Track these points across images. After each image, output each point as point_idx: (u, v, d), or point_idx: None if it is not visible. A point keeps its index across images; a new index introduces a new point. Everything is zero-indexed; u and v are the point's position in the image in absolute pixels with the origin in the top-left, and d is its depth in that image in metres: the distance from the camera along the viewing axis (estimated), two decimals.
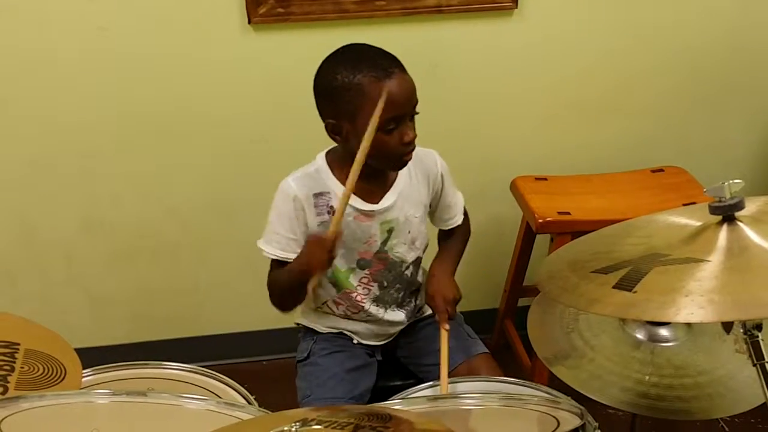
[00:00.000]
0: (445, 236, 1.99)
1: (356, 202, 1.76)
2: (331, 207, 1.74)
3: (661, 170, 2.57)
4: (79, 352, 1.54)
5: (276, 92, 2.47)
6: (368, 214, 1.77)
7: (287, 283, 1.73)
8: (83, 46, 2.36)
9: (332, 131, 1.69)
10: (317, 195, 1.74)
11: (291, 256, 1.74)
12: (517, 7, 2.45)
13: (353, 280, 1.84)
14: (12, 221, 2.56)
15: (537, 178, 2.54)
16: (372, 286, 1.86)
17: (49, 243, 2.60)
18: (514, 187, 2.52)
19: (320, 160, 1.79)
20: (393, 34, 2.41)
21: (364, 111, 1.58)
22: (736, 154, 2.78)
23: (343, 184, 1.72)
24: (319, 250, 1.57)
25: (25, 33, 2.33)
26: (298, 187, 1.74)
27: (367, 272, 1.84)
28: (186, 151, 2.53)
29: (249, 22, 2.36)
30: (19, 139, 2.46)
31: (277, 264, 1.78)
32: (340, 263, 1.81)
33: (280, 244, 1.75)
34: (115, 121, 2.46)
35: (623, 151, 2.67)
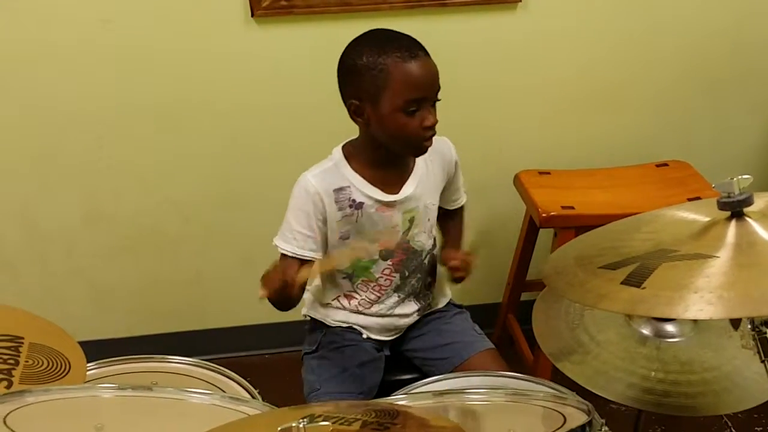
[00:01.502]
0: (446, 217, 1.98)
1: (376, 193, 1.76)
2: (353, 200, 1.75)
3: (665, 164, 2.57)
4: (82, 345, 1.54)
5: (279, 85, 2.47)
6: (390, 205, 1.78)
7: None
8: (86, 38, 2.35)
9: (355, 113, 1.69)
10: (337, 190, 1.74)
11: (307, 254, 1.74)
12: (521, 1, 2.44)
13: (375, 272, 1.84)
14: (14, 214, 2.56)
15: (540, 172, 2.54)
16: (394, 276, 1.86)
17: (51, 235, 2.60)
18: (517, 181, 2.52)
19: (337, 153, 1.78)
20: (396, 27, 2.36)
21: (388, 91, 1.62)
22: (741, 148, 2.77)
23: (362, 176, 1.75)
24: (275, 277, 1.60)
25: (28, 25, 2.32)
26: (318, 183, 1.73)
27: (390, 263, 1.84)
28: (188, 144, 2.52)
29: (252, 16, 2.35)
30: (21, 131, 2.46)
31: (288, 258, 1.75)
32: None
33: (297, 241, 1.74)
34: (118, 114, 2.46)
35: (627, 146, 2.66)
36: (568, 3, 2.48)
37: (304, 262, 1.74)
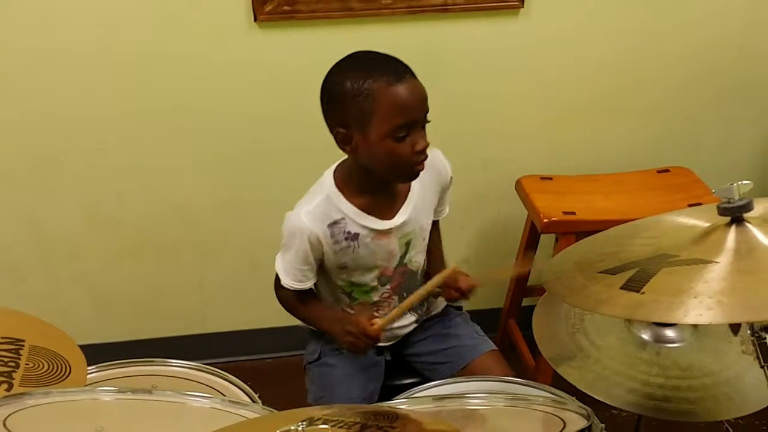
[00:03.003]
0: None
1: (371, 222, 1.72)
2: (348, 232, 1.71)
3: (667, 170, 2.56)
4: (84, 348, 1.54)
5: (282, 90, 2.47)
6: (385, 233, 1.75)
7: (312, 322, 1.86)
8: (89, 44, 2.35)
9: (342, 141, 1.65)
10: (332, 224, 1.70)
11: (307, 284, 1.77)
12: (523, 6, 2.44)
13: (375, 296, 1.83)
14: (18, 218, 2.56)
15: (542, 178, 2.54)
16: (393, 299, 1.84)
17: (54, 240, 2.60)
18: (519, 186, 2.52)
19: (328, 182, 1.73)
20: (398, 33, 2.40)
21: (375, 117, 1.57)
22: (742, 154, 2.77)
23: (355, 205, 1.71)
24: (363, 342, 1.65)
25: (32, 30, 2.32)
26: (312, 223, 1.69)
27: (389, 287, 1.82)
28: (191, 148, 2.52)
29: (255, 20, 2.36)
30: (25, 136, 2.46)
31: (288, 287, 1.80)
32: (360, 282, 1.80)
33: (295, 276, 1.76)
34: (121, 119, 2.46)
35: (629, 151, 2.66)
36: (570, 9, 2.48)
37: (303, 292, 1.79)
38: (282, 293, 1.83)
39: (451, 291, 1.77)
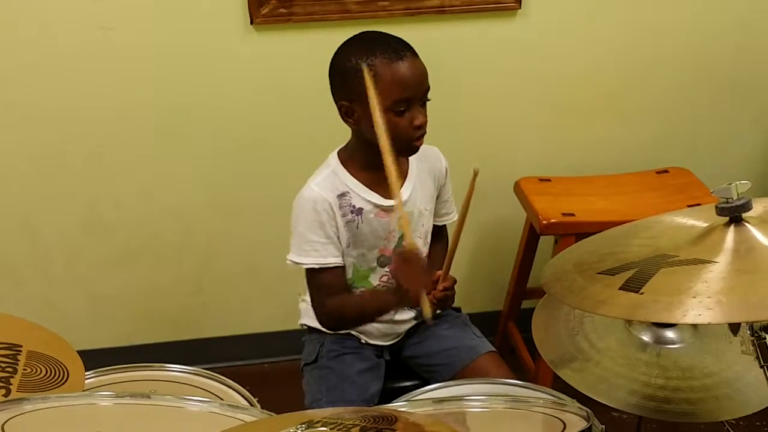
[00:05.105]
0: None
1: (375, 197, 1.77)
2: (353, 206, 1.76)
3: (665, 171, 2.56)
4: (81, 354, 1.54)
5: (278, 92, 2.47)
6: (388, 210, 1.78)
7: (373, 312, 1.78)
8: (86, 46, 2.36)
9: (345, 114, 1.71)
10: (340, 196, 1.76)
11: (332, 260, 1.76)
12: (520, 7, 2.44)
13: (374, 280, 1.84)
14: (15, 222, 2.56)
15: (541, 179, 2.54)
16: (391, 283, 1.84)
17: (51, 244, 2.60)
18: (517, 188, 2.51)
19: (333, 160, 1.80)
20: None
21: (376, 92, 1.62)
22: (741, 154, 2.77)
23: (359, 180, 1.76)
24: (417, 272, 1.60)
25: (29, 33, 2.32)
26: (324, 191, 1.75)
27: (388, 269, 1.83)
28: (188, 151, 2.52)
29: (251, 23, 2.36)
30: (21, 140, 2.46)
31: (316, 272, 1.76)
32: (360, 263, 1.82)
33: (318, 252, 1.75)
34: (118, 122, 2.46)
35: (628, 152, 2.66)
36: (567, 9, 2.48)
37: (329, 269, 1.76)
38: (325, 307, 1.79)
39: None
